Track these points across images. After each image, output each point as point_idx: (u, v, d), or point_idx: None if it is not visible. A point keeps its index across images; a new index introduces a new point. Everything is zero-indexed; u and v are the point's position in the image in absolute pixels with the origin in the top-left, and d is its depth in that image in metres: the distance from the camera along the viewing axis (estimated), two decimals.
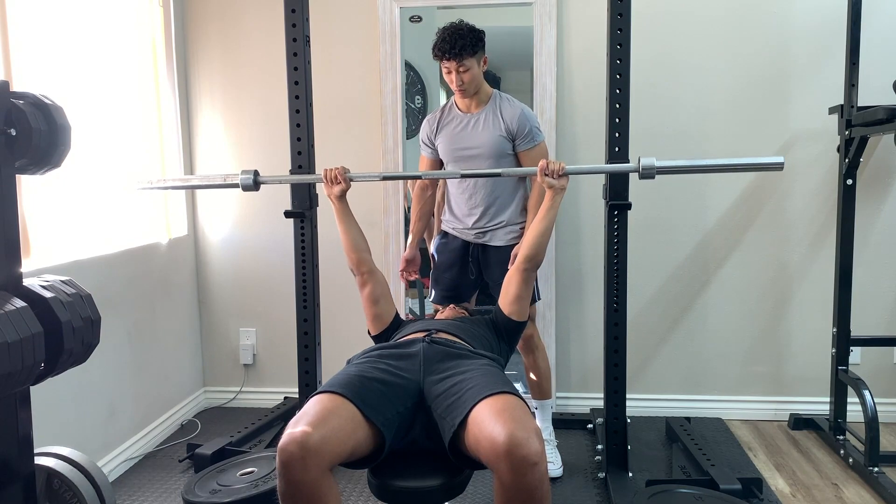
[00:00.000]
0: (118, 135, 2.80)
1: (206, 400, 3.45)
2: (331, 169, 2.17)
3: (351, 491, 2.48)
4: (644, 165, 2.05)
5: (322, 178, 2.19)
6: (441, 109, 2.68)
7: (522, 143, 2.53)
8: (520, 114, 2.52)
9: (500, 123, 2.53)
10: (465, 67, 2.45)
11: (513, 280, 2.03)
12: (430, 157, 2.71)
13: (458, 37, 2.42)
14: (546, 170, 2.02)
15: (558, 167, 2.02)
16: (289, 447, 1.43)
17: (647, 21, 2.93)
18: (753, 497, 2.37)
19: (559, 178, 2.02)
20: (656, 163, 2.04)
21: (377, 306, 2.09)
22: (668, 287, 3.15)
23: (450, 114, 2.64)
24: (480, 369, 1.71)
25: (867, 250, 2.99)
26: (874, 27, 2.84)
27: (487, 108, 2.56)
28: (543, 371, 2.68)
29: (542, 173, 2.03)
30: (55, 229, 2.41)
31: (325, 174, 2.18)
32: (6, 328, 1.29)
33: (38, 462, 1.65)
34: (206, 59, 3.30)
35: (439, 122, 2.64)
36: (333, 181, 2.17)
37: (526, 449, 1.40)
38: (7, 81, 1.42)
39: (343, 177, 2.16)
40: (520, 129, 2.52)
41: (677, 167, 2.12)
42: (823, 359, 2.93)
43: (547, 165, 2.02)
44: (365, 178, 2.23)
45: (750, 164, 2.12)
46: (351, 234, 2.16)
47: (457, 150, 2.59)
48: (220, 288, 3.41)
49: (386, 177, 2.34)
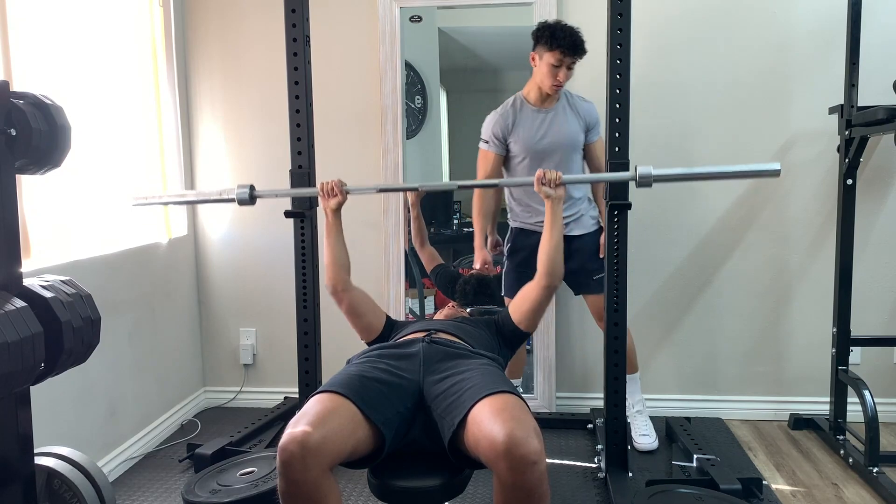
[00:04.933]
0: (118, 135, 2.80)
1: (206, 400, 3.45)
2: (327, 181, 2.15)
3: (351, 491, 2.49)
4: (641, 174, 2.04)
5: (319, 192, 2.17)
6: (511, 106, 2.75)
7: (593, 134, 2.76)
8: (592, 107, 2.76)
9: (577, 117, 2.71)
10: (573, 65, 2.61)
11: (532, 294, 2.00)
12: (497, 153, 2.76)
13: (579, 37, 2.57)
14: (543, 179, 2.01)
15: (555, 176, 2.00)
16: (289, 447, 1.43)
17: (647, 21, 2.93)
18: (753, 497, 2.37)
19: (556, 188, 2.01)
20: (653, 171, 2.03)
21: (362, 319, 2.08)
22: (668, 287, 3.15)
23: (523, 109, 2.73)
24: (480, 369, 1.71)
25: (867, 250, 2.99)
26: (874, 27, 2.84)
27: (560, 103, 2.72)
28: (630, 346, 2.77)
29: (538, 183, 2.01)
30: (55, 229, 2.41)
31: (322, 187, 2.15)
32: (6, 328, 1.29)
33: (38, 462, 1.65)
34: (206, 59, 3.30)
35: (514, 117, 2.72)
36: (330, 194, 2.14)
37: (525, 448, 1.40)
38: (7, 81, 1.42)
39: (340, 189, 2.13)
40: (592, 121, 2.75)
41: (673, 175, 2.11)
42: (823, 359, 2.92)
43: (543, 175, 2.00)
44: (362, 191, 2.24)
45: (746, 171, 2.11)
46: (337, 251, 2.13)
47: (536, 144, 2.69)
48: (220, 288, 3.41)
49: (382, 189, 2.35)
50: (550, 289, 2.00)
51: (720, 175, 2.16)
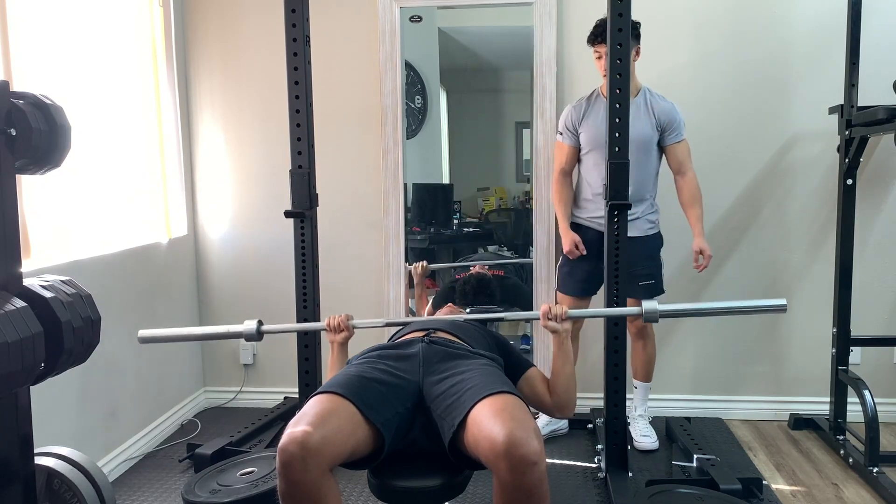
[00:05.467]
0: (118, 135, 2.80)
1: (206, 400, 3.45)
2: (334, 317, 2.10)
3: (351, 491, 2.48)
4: (647, 310, 1.98)
5: (325, 327, 2.11)
6: (587, 98, 2.76)
7: (671, 136, 2.68)
8: (671, 108, 2.68)
9: (651, 115, 2.66)
10: None
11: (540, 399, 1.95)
12: (570, 144, 2.78)
13: (599, 24, 2.55)
14: (549, 314, 1.95)
15: (561, 312, 1.95)
16: (289, 447, 1.43)
17: (646, 21, 2.92)
18: (753, 497, 2.37)
19: (562, 322, 1.96)
20: (659, 307, 1.98)
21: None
22: (668, 287, 3.13)
23: (597, 101, 2.73)
24: (480, 369, 1.71)
25: (867, 250, 2.99)
26: (874, 27, 2.84)
27: (638, 99, 2.67)
28: (651, 356, 2.87)
29: (545, 318, 1.96)
30: (55, 229, 2.41)
31: (329, 323, 2.10)
32: (6, 328, 1.29)
33: (38, 462, 1.65)
34: (206, 59, 3.30)
35: (586, 109, 2.73)
36: (336, 329, 2.10)
37: (525, 448, 1.40)
38: (7, 81, 1.42)
39: (346, 325, 2.09)
40: (670, 122, 2.67)
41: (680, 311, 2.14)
42: (823, 359, 2.92)
43: (549, 310, 1.95)
44: (368, 326, 2.20)
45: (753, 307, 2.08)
46: None
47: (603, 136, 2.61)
48: (220, 288, 3.41)
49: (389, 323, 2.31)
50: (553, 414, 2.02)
51: (725, 311, 2.18)
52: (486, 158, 3.81)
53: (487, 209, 3.93)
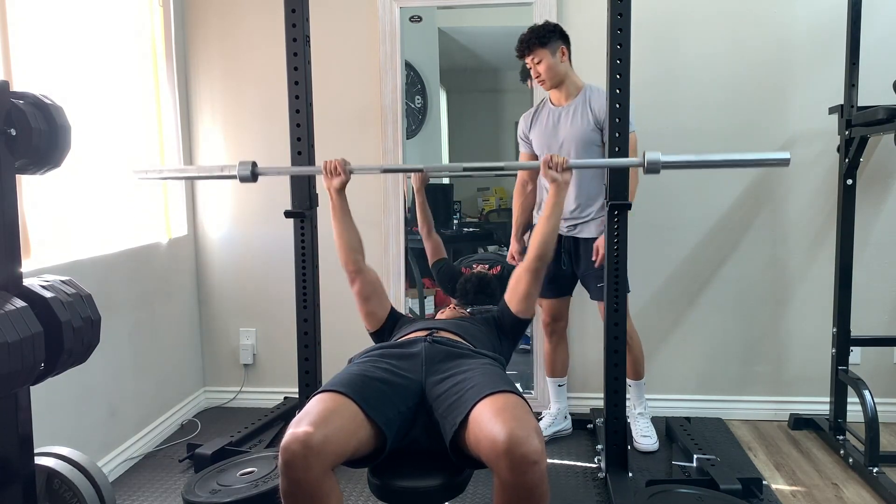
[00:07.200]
0: (118, 135, 2.80)
1: (206, 400, 3.45)
2: (331, 160, 2.15)
3: (351, 491, 2.48)
4: (649, 160, 2.04)
5: (322, 170, 2.17)
6: (538, 105, 2.81)
7: None
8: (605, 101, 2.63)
9: (588, 114, 2.65)
10: (537, 58, 2.61)
11: (523, 278, 2.01)
12: (528, 153, 2.83)
13: (529, 31, 2.60)
14: (550, 163, 2.02)
15: (562, 160, 2.02)
16: (291, 446, 1.43)
17: (647, 21, 2.93)
18: (753, 497, 2.37)
19: (562, 172, 2.02)
20: (662, 157, 2.04)
21: (368, 304, 2.10)
22: (668, 287, 3.15)
23: (543, 108, 2.77)
24: (481, 368, 1.71)
25: (867, 250, 2.99)
26: (874, 27, 2.84)
27: (577, 99, 2.69)
28: (637, 356, 2.81)
29: (545, 167, 2.02)
30: (55, 229, 2.41)
31: (325, 166, 2.16)
32: (6, 328, 1.29)
33: (38, 462, 1.65)
34: (206, 59, 3.30)
35: (534, 116, 2.78)
36: (333, 172, 2.15)
37: (526, 447, 1.40)
38: (7, 81, 1.42)
39: (343, 168, 2.14)
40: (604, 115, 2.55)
41: (682, 162, 2.11)
42: (823, 359, 2.92)
43: (550, 159, 2.02)
44: (365, 171, 2.23)
45: (755, 160, 2.13)
46: (346, 233, 2.14)
47: (549, 141, 2.70)
48: (220, 288, 3.41)
49: (386, 169, 2.35)
50: (539, 271, 2.01)
51: (728, 163, 2.18)
52: (485, 158, 3.82)
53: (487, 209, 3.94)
